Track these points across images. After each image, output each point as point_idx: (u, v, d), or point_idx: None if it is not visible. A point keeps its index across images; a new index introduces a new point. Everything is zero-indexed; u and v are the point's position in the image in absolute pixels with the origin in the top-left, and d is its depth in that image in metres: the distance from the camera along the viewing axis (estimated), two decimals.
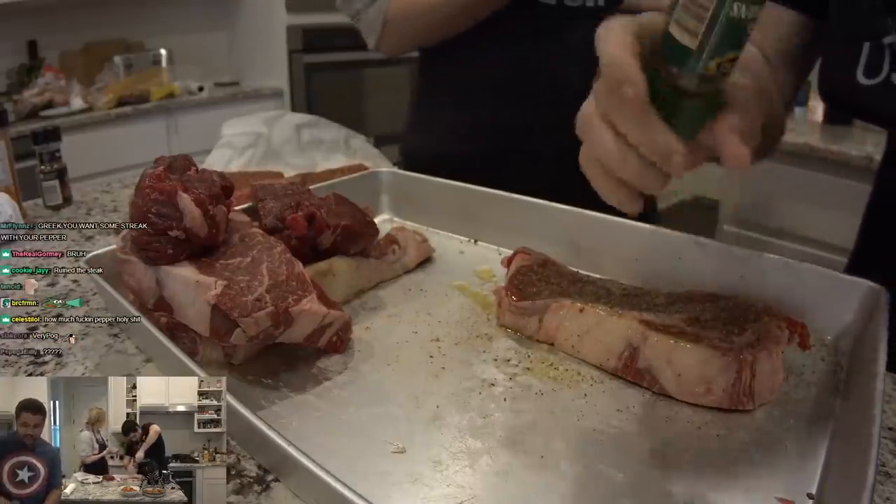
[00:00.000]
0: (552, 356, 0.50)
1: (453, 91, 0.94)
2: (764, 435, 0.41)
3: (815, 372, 0.47)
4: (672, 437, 0.41)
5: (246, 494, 0.37)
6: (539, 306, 0.51)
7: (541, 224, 0.65)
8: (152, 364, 0.50)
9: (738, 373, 0.42)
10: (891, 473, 0.38)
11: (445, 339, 0.52)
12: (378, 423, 0.42)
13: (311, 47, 2.98)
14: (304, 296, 0.47)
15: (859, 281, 0.49)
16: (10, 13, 2.43)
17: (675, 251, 0.56)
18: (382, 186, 0.80)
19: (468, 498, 0.36)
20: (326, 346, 0.49)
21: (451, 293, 0.60)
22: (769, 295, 0.50)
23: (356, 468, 0.38)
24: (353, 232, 0.59)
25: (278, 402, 0.45)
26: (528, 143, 0.85)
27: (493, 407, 0.44)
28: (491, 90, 0.87)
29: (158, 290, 0.48)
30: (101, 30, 2.78)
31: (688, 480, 0.37)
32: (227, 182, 0.53)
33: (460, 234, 0.73)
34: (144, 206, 0.47)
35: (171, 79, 2.75)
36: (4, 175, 0.85)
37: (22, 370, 0.50)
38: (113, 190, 1.05)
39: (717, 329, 0.45)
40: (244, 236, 0.52)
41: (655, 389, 0.45)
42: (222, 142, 1.06)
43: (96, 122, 2.42)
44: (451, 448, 0.40)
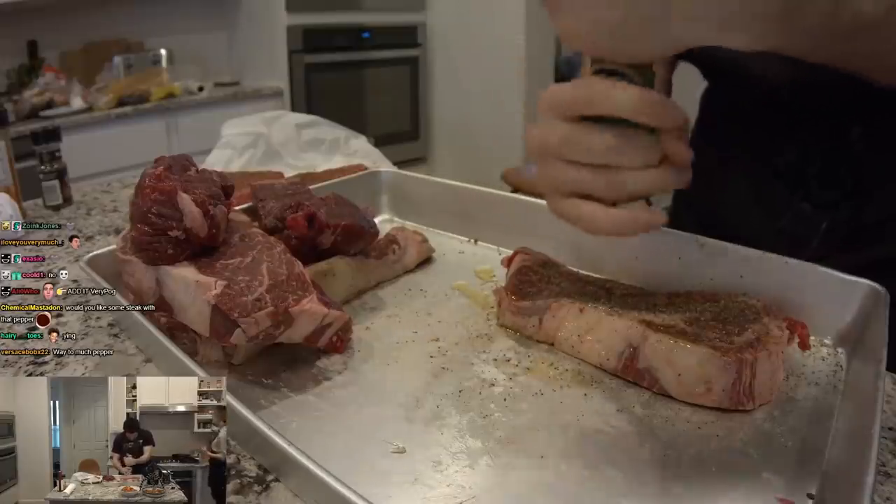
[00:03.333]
0: (552, 356, 0.50)
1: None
2: (764, 435, 0.41)
3: (815, 372, 0.47)
4: (672, 437, 0.41)
5: (246, 494, 0.37)
6: (539, 306, 0.51)
7: (541, 224, 0.65)
8: (152, 364, 0.50)
9: (738, 373, 0.42)
10: (891, 473, 0.38)
11: (445, 339, 0.52)
12: (378, 423, 0.42)
13: (311, 47, 2.99)
14: (304, 296, 0.47)
15: (859, 281, 0.49)
16: (10, 13, 2.43)
17: (675, 251, 0.56)
18: (382, 186, 0.80)
19: (468, 498, 0.36)
20: (326, 346, 0.49)
21: (451, 293, 0.60)
22: (769, 295, 0.50)
23: (356, 468, 0.38)
24: (353, 232, 0.59)
25: (278, 402, 0.44)
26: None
27: (493, 407, 0.44)
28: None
29: (158, 290, 0.48)
30: (101, 30, 2.78)
31: (688, 480, 0.37)
32: (227, 182, 0.53)
33: (460, 234, 0.73)
34: (144, 206, 0.47)
35: (171, 79, 2.75)
36: (4, 175, 0.86)
37: (22, 370, 0.50)
38: (113, 190, 1.05)
39: (717, 329, 0.45)
40: (244, 236, 0.52)
41: (655, 389, 0.45)
42: (222, 142, 1.06)
43: (96, 122, 2.42)
44: (451, 448, 0.40)
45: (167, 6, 2.99)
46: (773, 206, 0.60)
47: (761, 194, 0.62)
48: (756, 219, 0.62)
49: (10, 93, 2.49)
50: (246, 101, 2.86)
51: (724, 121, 0.67)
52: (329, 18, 3.03)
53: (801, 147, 0.58)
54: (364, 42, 3.18)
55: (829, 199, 0.57)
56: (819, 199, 0.57)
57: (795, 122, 0.57)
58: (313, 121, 1.12)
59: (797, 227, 0.58)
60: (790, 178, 0.59)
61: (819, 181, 0.57)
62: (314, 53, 3.01)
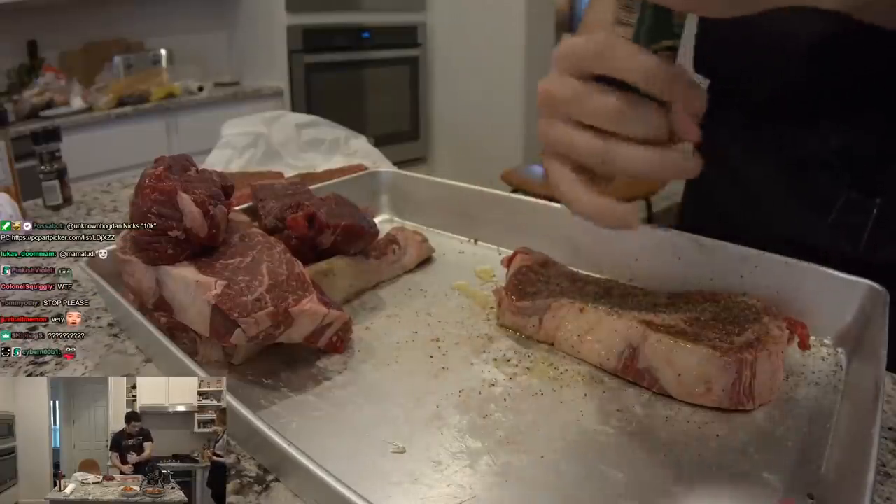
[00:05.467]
0: (552, 356, 0.50)
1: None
2: (764, 435, 0.41)
3: (815, 372, 0.47)
4: (672, 437, 0.41)
5: (246, 494, 0.37)
6: (539, 306, 0.51)
7: (541, 224, 0.65)
8: (152, 364, 0.50)
9: (738, 373, 0.42)
10: (891, 473, 0.38)
11: (445, 339, 0.52)
12: (378, 423, 0.42)
13: (311, 47, 2.99)
14: (304, 296, 0.47)
15: (859, 281, 0.49)
16: (10, 13, 2.43)
17: (675, 251, 0.56)
18: (382, 186, 0.80)
19: (468, 498, 0.36)
20: (326, 346, 0.49)
21: (451, 293, 0.60)
22: (769, 295, 0.50)
23: (356, 468, 0.38)
24: (353, 232, 0.59)
25: (278, 402, 0.44)
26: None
27: (493, 407, 0.44)
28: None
29: (158, 290, 0.48)
30: (101, 30, 2.78)
31: (688, 480, 0.37)
32: (227, 182, 0.53)
33: (460, 234, 0.73)
34: (144, 206, 0.47)
35: (171, 79, 2.75)
36: (4, 175, 0.86)
37: (22, 370, 0.50)
38: (113, 190, 1.05)
39: (717, 329, 0.45)
40: (244, 236, 0.52)
41: (655, 389, 0.45)
42: (222, 142, 1.06)
43: (96, 122, 2.42)
44: (451, 448, 0.40)
45: (167, 6, 2.99)
46: (818, 200, 0.58)
47: (801, 188, 0.59)
48: (800, 215, 0.60)
49: (10, 93, 2.49)
50: (246, 101, 2.86)
51: (741, 117, 0.65)
52: (329, 18, 3.03)
53: (843, 132, 0.55)
54: (364, 42, 3.19)
55: (879, 183, 0.55)
56: (868, 184, 0.55)
57: (831, 106, 0.55)
58: (313, 121, 1.12)
59: (849, 216, 0.56)
60: (836, 166, 0.56)
61: (867, 166, 0.55)
62: (314, 53, 3.01)
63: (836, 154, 0.56)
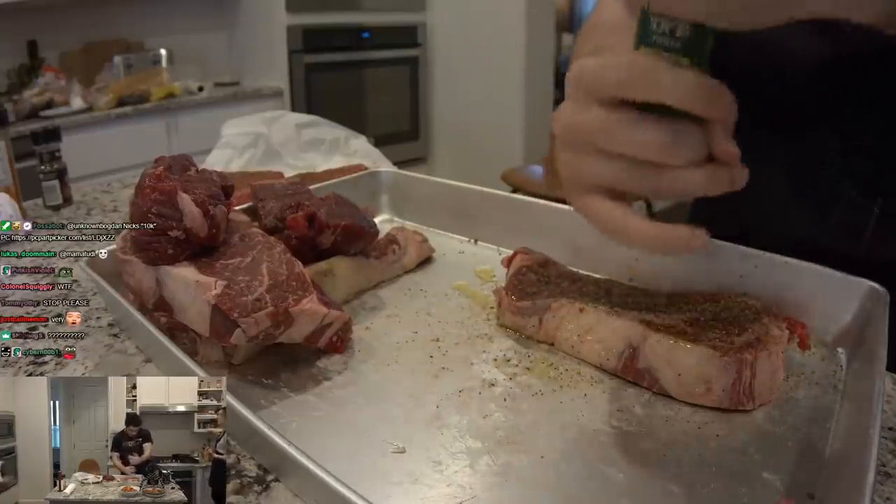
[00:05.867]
0: (552, 356, 0.50)
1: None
2: (764, 435, 0.41)
3: (815, 372, 0.47)
4: (672, 437, 0.41)
5: (246, 494, 0.37)
6: (539, 306, 0.51)
7: (541, 224, 0.65)
8: (152, 364, 0.50)
9: (738, 373, 0.42)
10: (891, 473, 0.38)
11: (445, 339, 0.52)
12: (378, 423, 0.42)
13: (311, 47, 2.99)
14: (304, 296, 0.47)
15: (859, 281, 0.49)
16: (10, 13, 2.43)
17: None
18: (382, 186, 0.80)
19: (468, 498, 0.36)
20: (326, 346, 0.49)
21: (451, 293, 0.60)
22: (769, 295, 0.50)
23: (356, 468, 0.38)
24: (353, 232, 0.59)
25: (278, 402, 0.44)
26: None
27: (493, 407, 0.44)
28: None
29: (158, 290, 0.48)
30: (101, 30, 2.78)
31: (688, 480, 0.37)
32: (227, 182, 0.53)
33: (460, 234, 0.73)
34: (144, 206, 0.47)
35: (171, 79, 2.75)
36: (4, 175, 0.86)
37: (22, 370, 0.50)
38: (113, 190, 1.05)
39: (717, 329, 0.45)
40: (244, 236, 0.52)
41: (655, 389, 0.45)
42: (222, 142, 1.06)
43: (96, 122, 2.42)
44: (451, 448, 0.40)
45: (167, 6, 2.99)
46: (819, 200, 0.57)
47: (802, 190, 0.59)
48: (801, 216, 0.59)
49: (10, 93, 2.49)
50: (246, 101, 2.86)
51: (742, 119, 0.65)
52: (329, 18, 3.03)
53: (843, 133, 0.55)
54: (364, 42, 3.19)
55: (880, 183, 0.55)
56: (869, 184, 0.55)
57: (832, 108, 0.55)
58: (313, 121, 1.12)
59: (850, 216, 0.56)
60: (836, 167, 0.56)
61: (867, 167, 0.54)
62: (314, 53, 3.01)
63: (837, 154, 0.56)
